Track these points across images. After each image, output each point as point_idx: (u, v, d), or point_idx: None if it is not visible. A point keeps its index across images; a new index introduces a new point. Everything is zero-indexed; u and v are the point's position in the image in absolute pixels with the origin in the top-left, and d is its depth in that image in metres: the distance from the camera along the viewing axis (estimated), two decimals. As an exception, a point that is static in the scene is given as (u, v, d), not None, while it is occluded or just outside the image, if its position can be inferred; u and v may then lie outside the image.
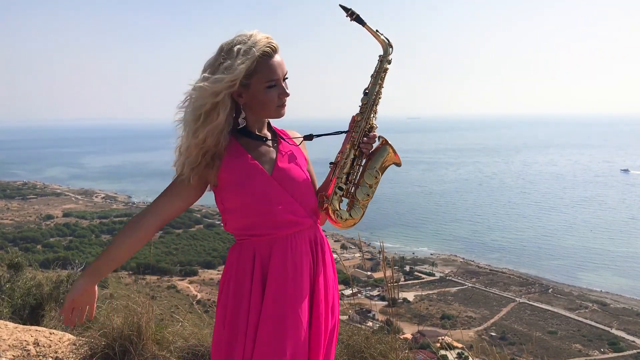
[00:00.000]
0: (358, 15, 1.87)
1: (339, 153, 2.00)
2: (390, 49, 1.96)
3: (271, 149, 1.94)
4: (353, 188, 1.99)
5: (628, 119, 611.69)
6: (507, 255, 60.68)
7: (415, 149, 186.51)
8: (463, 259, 59.49)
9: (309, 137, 2.02)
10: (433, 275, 52.82)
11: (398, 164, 2.06)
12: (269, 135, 1.98)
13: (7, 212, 73.13)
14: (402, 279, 48.24)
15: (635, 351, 36.24)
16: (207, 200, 2.01)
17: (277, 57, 1.84)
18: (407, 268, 53.25)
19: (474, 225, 74.80)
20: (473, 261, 58.46)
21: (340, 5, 1.87)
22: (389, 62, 1.98)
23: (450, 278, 52.01)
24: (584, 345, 37.68)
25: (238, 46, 1.78)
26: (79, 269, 5.37)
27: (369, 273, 47.77)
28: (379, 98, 2.01)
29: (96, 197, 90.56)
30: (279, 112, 1.89)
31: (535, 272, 54.24)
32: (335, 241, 61.33)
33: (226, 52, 1.79)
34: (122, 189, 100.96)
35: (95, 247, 57.17)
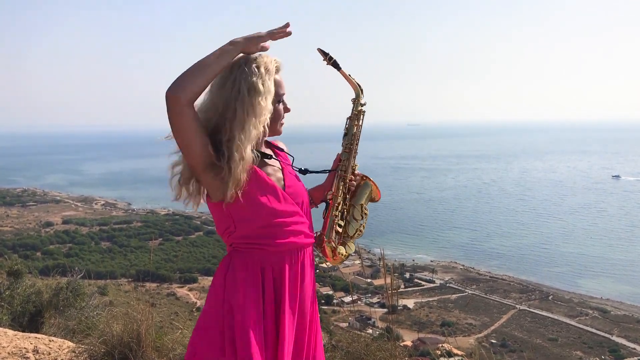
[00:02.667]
0: (335, 61, 1.97)
1: (328, 192, 2.11)
2: (362, 93, 2.10)
3: (277, 165, 1.97)
4: (345, 224, 2.13)
5: (628, 125, 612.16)
6: (507, 262, 60.55)
7: (414, 156, 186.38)
8: (463, 266, 59.37)
9: (303, 172, 2.08)
10: (433, 282, 52.70)
11: (376, 200, 2.24)
12: (268, 151, 2.00)
13: (7, 219, 73.02)
14: (402, 286, 48.12)
15: (636, 358, 36.10)
16: (207, 207, 2.00)
17: (280, 76, 1.90)
18: (407, 275, 53.15)
19: (474, 232, 74.71)
20: (473, 268, 58.35)
21: (319, 49, 1.96)
22: (362, 105, 2.11)
23: (450, 285, 51.89)
24: (585, 352, 37.56)
25: (255, 64, 1.81)
26: (78, 276, 5.36)
27: (369, 280, 47.71)
28: (359, 138, 2.14)
29: (96, 204, 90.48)
30: (280, 129, 1.95)
31: (535, 279, 54.14)
32: (335, 248, 61.21)
33: (240, 68, 1.80)
34: (121, 196, 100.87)
35: (95, 254, 57.09)
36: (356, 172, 2.14)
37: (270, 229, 1.85)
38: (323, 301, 41.85)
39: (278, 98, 1.88)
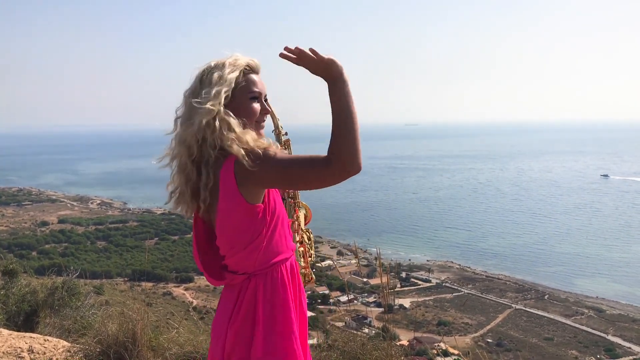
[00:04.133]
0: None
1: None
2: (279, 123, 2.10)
3: None
4: (311, 248, 2.18)
5: (628, 126, 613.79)
6: (503, 261, 60.72)
7: (411, 156, 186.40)
8: (459, 265, 59.50)
9: None
10: (429, 281, 52.80)
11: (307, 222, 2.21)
12: None
13: (2, 218, 72.87)
14: (399, 286, 48.18)
15: (631, 357, 36.28)
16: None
17: (260, 76, 1.88)
18: (404, 274, 53.22)
19: (470, 232, 74.86)
20: (469, 268, 58.47)
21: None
22: (285, 134, 2.10)
23: (446, 284, 52.00)
24: (580, 351, 37.70)
25: (221, 61, 1.81)
26: (74, 276, 5.35)
27: (365, 279, 47.77)
28: None
29: (92, 203, 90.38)
30: (257, 128, 1.86)
31: (531, 279, 54.28)
32: (331, 247, 61.29)
33: (208, 70, 1.79)
34: (117, 196, 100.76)
35: (91, 253, 56.99)
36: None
37: (282, 235, 1.84)
38: (319, 300, 41.94)
39: (251, 94, 1.83)
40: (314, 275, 2.08)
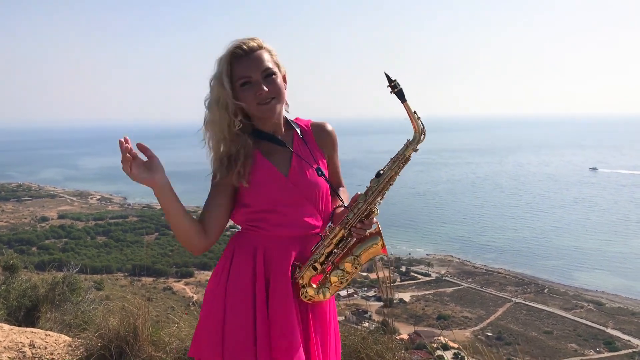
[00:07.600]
0: (401, 90, 1.74)
1: (327, 226, 1.93)
2: (423, 136, 1.87)
3: (286, 149, 1.90)
4: (330, 267, 1.87)
5: (623, 120, 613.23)
6: (502, 255, 60.71)
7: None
8: (459, 259, 59.49)
9: (318, 173, 1.93)
10: (429, 275, 52.81)
11: (383, 255, 1.98)
12: (280, 135, 1.95)
13: (2, 214, 72.78)
14: (398, 280, 48.21)
15: (630, 350, 36.37)
16: (203, 201, 1.97)
17: (251, 56, 1.81)
18: (403, 269, 53.21)
19: (469, 226, 74.82)
20: (469, 261, 58.47)
21: (385, 74, 1.75)
22: (416, 151, 1.88)
23: (446, 278, 51.99)
24: (580, 344, 37.78)
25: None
26: (74, 271, 5.36)
27: (364, 273, 47.73)
28: (391, 184, 1.88)
29: (91, 198, 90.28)
30: (261, 110, 1.83)
31: (531, 272, 54.31)
32: (331, 242, 61.25)
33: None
34: (117, 191, 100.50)
35: (91, 249, 56.99)
36: (368, 219, 1.89)
37: (266, 214, 1.86)
38: (319, 295, 41.98)
39: (241, 81, 1.81)
40: (302, 293, 1.86)
